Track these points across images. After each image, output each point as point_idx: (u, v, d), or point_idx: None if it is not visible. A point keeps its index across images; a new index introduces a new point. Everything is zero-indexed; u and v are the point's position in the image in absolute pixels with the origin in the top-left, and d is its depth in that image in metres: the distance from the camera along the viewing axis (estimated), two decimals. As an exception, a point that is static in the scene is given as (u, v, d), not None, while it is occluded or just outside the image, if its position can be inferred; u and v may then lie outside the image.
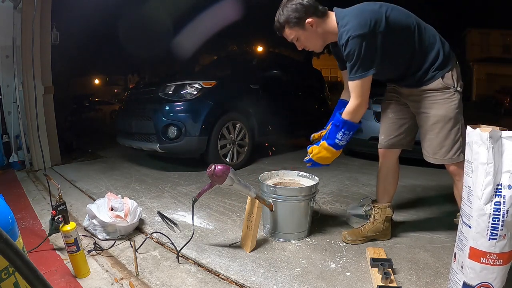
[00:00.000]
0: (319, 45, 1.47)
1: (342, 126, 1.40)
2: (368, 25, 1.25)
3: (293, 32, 1.41)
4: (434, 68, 1.37)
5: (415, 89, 1.44)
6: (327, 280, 1.32)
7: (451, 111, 1.37)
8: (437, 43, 1.38)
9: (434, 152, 1.44)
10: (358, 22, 1.26)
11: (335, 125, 1.42)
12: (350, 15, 1.32)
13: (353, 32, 1.25)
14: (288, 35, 1.43)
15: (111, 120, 10.78)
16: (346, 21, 1.30)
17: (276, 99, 3.88)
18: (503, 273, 1.02)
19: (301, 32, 1.40)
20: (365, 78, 1.31)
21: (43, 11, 3.38)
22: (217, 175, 1.43)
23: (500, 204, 0.97)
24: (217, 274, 1.38)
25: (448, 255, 1.48)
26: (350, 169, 3.30)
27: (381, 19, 1.28)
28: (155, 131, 3.03)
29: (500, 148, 0.98)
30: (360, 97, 1.35)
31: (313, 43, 1.46)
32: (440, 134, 1.40)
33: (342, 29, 1.30)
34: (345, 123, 1.40)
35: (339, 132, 1.41)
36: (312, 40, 1.44)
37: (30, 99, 3.31)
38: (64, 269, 1.43)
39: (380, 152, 1.66)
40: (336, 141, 1.43)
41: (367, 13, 1.29)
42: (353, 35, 1.25)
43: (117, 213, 1.70)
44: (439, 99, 1.39)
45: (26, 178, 3.13)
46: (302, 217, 1.69)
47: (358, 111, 1.38)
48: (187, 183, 2.80)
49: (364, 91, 1.34)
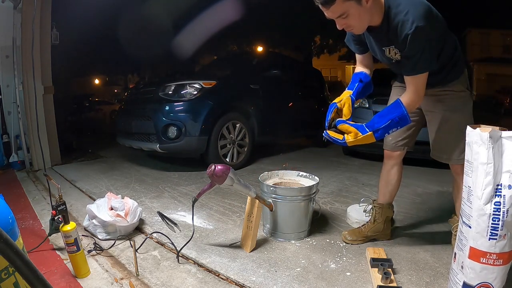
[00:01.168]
0: (366, 25, 1.27)
1: (402, 123, 1.25)
2: (430, 17, 1.16)
3: (345, 6, 1.17)
4: (454, 70, 1.36)
5: (429, 89, 1.36)
6: (327, 280, 1.32)
7: (467, 113, 1.38)
8: (457, 46, 1.37)
9: (448, 153, 1.43)
10: (421, 12, 1.14)
11: (397, 121, 1.24)
12: (406, 2, 1.18)
13: (419, 22, 1.13)
14: (336, 9, 1.18)
15: (111, 120, 10.77)
16: (405, 8, 1.16)
17: (276, 99, 3.88)
18: (503, 273, 1.02)
19: (354, 7, 1.18)
20: (425, 74, 1.22)
21: (43, 11, 3.38)
22: (217, 175, 1.43)
23: (500, 204, 0.97)
24: (217, 274, 1.38)
25: (448, 255, 1.48)
26: (350, 169, 3.30)
27: (434, 12, 1.19)
28: (155, 131, 3.03)
29: (500, 148, 0.98)
30: (417, 92, 1.24)
31: (361, 22, 1.25)
32: (457, 135, 1.35)
33: (403, 17, 1.16)
34: (406, 120, 1.24)
35: (394, 129, 1.27)
36: (362, 18, 1.23)
37: (30, 99, 3.31)
38: (64, 269, 1.43)
39: (386, 153, 1.63)
40: (385, 135, 1.29)
41: (425, 4, 1.18)
42: (420, 25, 1.13)
43: (118, 213, 1.71)
44: (458, 100, 1.38)
45: (26, 178, 3.13)
46: (302, 217, 1.69)
47: (414, 106, 1.28)
48: (187, 183, 2.80)
49: (422, 86, 1.24)
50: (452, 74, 1.37)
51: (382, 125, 1.25)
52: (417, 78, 1.23)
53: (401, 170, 1.66)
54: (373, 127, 1.26)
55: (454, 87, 1.38)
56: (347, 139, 1.27)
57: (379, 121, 1.26)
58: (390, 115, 1.25)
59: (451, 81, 1.38)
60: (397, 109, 1.25)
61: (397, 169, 1.64)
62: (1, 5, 3.37)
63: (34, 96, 3.25)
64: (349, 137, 1.27)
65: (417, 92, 1.25)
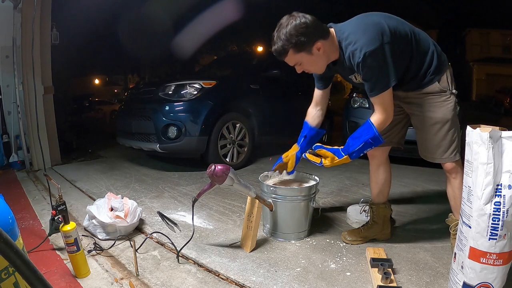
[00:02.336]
0: (323, 67, 1.37)
1: (376, 143, 1.31)
2: (378, 38, 1.20)
3: (297, 57, 1.29)
4: (430, 72, 1.37)
5: (411, 92, 1.43)
6: (327, 280, 1.32)
7: (448, 113, 1.39)
8: (431, 46, 1.38)
9: (432, 152, 1.46)
10: (368, 37, 1.20)
11: (370, 142, 1.31)
12: (355, 32, 1.25)
13: (366, 48, 1.19)
14: (290, 60, 1.31)
15: (111, 120, 10.76)
16: (354, 39, 1.23)
17: (276, 99, 3.88)
18: (503, 273, 1.02)
19: (306, 57, 1.29)
20: (387, 91, 1.26)
21: (43, 11, 3.38)
22: (217, 175, 1.43)
23: (500, 204, 0.97)
24: (217, 274, 1.38)
25: (448, 255, 1.47)
26: (350, 169, 3.30)
27: (386, 30, 1.23)
28: (155, 131, 3.03)
29: (500, 148, 0.98)
30: (385, 111, 1.29)
31: (317, 67, 1.37)
32: (438, 135, 1.41)
33: (352, 47, 1.23)
34: (379, 140, 1.31)
35: (368, 149, 1.34)
36: (317, 64, 1.34)
37: (30, 99, 3.31)
38: (64, 269, 1.43)
39: (369, 152, 1.63)
40: (360, 155, 1.35)
41: (372, 26, 1.23)
42: (368, 51, 1.19)
43: (117, 214, 1.71)
44: (436, 102, 1.40)
45: (26, 178, 3.13)
46: (302, 217, 1.69)
47: (385, 124, 1.32)
48: (187, 183, 2.80)
49: (388, 103, 1.29)
50: (429, 77, 1.38)
51: (356, 148, 1.32)
52: (381, 97, 1.28)
53: (389, 168, 1.67)
54: (348, 151, 1.34)
55: (431, 89, 1.39)
56: (324, 163, 1.37)
57: (353, 144, 1.33)
58: (363, 138, 1.32)
59: (428, 85, 1.39)
60: (369, 131, 1.31)
61: (384, 168, 1.65)
62: (1, 5, 3.37)
63: (34, 96, 3.26)
64: (326, 161, 1.37)
65: (385, 110, 1.29)
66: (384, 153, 1.64)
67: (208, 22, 9.02)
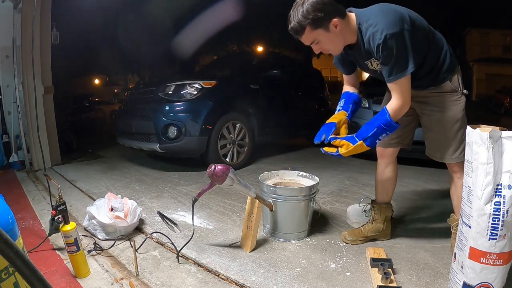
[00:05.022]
0: (340, 47, 1.35)
1: (389, 129, 1.30)
2: (399, 23, 1.19)
3: (314, 34, 1.26)
4: (443, 70, 1.38)
5: (421, 91, 1.43)
6: (327, 280, 1.32)
7: (458, 113, 1.39)
8: (445, 46, 1.39)
9: (441, 152, 1.46)
10: (389, 21, 1.20)
11: (383, 128, 1.30)
12: (376, 15, 1.24)
13: (387, 30, 1.18)
14: (307, 37, 1.28)
15: (111, 120, 10.77)
16: (374, 21, 1.22)
17: (276, 99, 3.88)
18: (503, 273, 1.02)
19: (324, 34, 1.26)
20: (405, 77, 1.25)
21: (43, 11, 3.38)
22: (217, 175, 1.43)
23: (500, 204, 0.97)
24: (217, 274, 1.38)
25: (448, 255, 1.48)
26: (350, 169, 3.30)
27: (406, 18, 1.23)
28: (155, 131, 3.03)
29: (500, 148, 0.98)
30: (402, 97, 1.27)
31: (334, 46, 1.34)
32: (448, 134, 1.42)
33: (373, 29, 1.22)
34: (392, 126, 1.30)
35: (383, 135, 1.32)
36: (334, 42, 1.31)
37: (30, 99, 3.31)
38: (64, 269, 1.43)
39: (379, 151, 1.66)
40: (376, 143, 1.34)
41: (393, 12, 1.23)
42: (389, 33, 1.18)
43: (117, 214, 1.71)
44: (447, 101, 1.40)
45: (26, 178, 3.13)
46: (302, 217, 1.69)
47: (401, 111, 1.30)
48: (187, 183, 2.80)
49: (405, 90, 1.27)
50: (442, 75, 1.38)
51: (370, 134, 1.31)
52: (398, 83, 1.26)
53: (396, 169, 1.67)
54: (362, 136, 1.33)
55: (444, 88, 1.40)
56: (340, 151, 1.36)
57: (367, 130, 1.32)
58: (376, 123, 1.31)
59: (441, 82, 1.39)
60: (382, 117, 1.30)
61: (391, 167, 1.65)
62: (1, 5, 3.37)
63: (34, 96, 3.26)
64: (342, 149, 1.36)
65: (402, 97, 1.28)
66: (394, 153, 1.64)
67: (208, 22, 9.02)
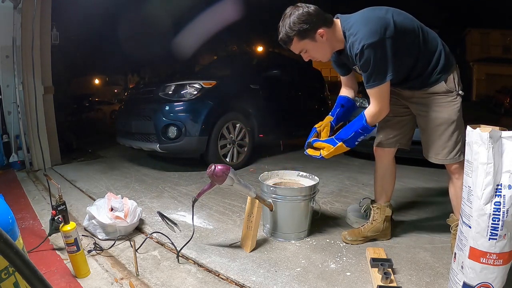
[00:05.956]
0: (329, 55, 1.42)
1: (366, 132, 1.39)
2: (379, 32, 1.22)
3: (301, 44, 1.34)
4: (437, 71, 1.37)
5: (417, 91, 1.44)
6: (327, 280, 1.32)
7: (454, 114, 1.39)
8: (439, 45, 1.39)
9: (436, 153, 1.46)
10: (369, 30, 1.23)
11: (360, 132, 1.38)
12: (358, 23, 1.28)
13: (365, 40, 1.22)
14: (295, 47, 1.36)
15: (111, 120, 10.77)
16: (355, 30, 1.26)
17: (276, 99, 3.87)
18: (503, 273, 1.02)
19: (311, 43, 1.34)
20: (383, 84, 1.28)
21: (43, 11, 3.38)
22: (217, 175, 1.43)
23: (500, 204, 0.97)
24: (217, 274, 1.38)
25: (448, 255, 1.47)
26: (350, 169, 3.30)
27: (389, 25, 1.24)
28: (155, 131, 3.03)
29: (500, 148, 0.98)
30: (380, 103, 1.33)
31: (322, 54, 1.40)
32: (443, 136, 1.42)
33: (353, 38, 1.26)
34: (369, 130, 1.38)
35: (361, 137, 1.40)
36: (322, 50, 1.38)
37: (30, 99, 3.31)
38: (64, 269, 1.43)
39: (376, 151, 1.67)
40: (355, 144, 1.42)
41: (375, 20, 1.25)
42: (366, 43, 1.21)
43: (117, 214, 1.71)
44: (442, 102, 1.40)
45: (26, 178, 3.13)
46: (302, 217, 1.69)
47: (378, 117, 1.37)
48: (187, 183, 2.80)
49: (383, 97, 1.32)
50: (436, 76, 1.38)
51: (348, 137, 1.41)
52: (376, 90, 1.31)
53: (394, 169, 1.68)
54: (341, 138, 1.42)
55: (438, 89, 1.39)
56: (322, 153, 1.44)
57: (345, 133, 1.42)
58: (353, 128, 1.40)
59: (435, 83, 1.39)
60: (359, 122, 1.39)
61: (390, 168, 1.66)
62: (1, 5, 3.37)
63: (34, 96, 3.26)
64: (324, 151, 1.44)
65: (380, 103, 1.33)
66: (392, 153, 1.65)
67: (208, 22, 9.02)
